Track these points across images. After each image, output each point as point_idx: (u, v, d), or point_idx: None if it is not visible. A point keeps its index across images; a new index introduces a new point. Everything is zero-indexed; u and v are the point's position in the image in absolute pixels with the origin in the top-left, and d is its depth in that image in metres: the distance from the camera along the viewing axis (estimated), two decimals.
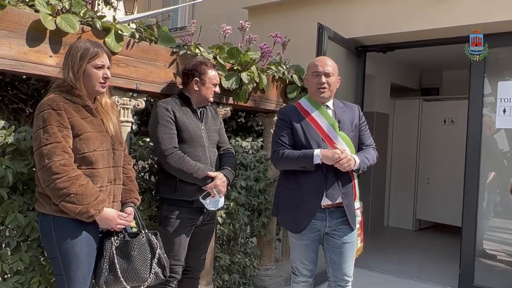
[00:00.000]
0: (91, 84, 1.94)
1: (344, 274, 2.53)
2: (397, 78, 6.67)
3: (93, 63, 1.93)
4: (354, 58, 4.35)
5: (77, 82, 1.90)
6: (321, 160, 2.36)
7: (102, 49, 1.99)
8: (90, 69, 1.93)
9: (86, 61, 1.91)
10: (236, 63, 3.08)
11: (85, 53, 1.91)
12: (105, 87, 2.01)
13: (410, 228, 6.60)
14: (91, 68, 1.93)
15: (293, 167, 2.46)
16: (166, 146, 2.41)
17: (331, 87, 2.51)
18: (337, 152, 2.34)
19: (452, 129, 6.28)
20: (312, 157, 2.37)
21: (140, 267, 2.00)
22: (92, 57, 1.92)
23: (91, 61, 1.92)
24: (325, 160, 2.36)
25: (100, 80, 1.96)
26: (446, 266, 4.61)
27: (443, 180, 6.25)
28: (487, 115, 3.90)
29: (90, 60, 1.92)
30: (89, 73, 1.93)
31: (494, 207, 4.17)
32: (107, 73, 1.98)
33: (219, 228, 3.10)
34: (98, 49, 1.95)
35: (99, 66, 1.95)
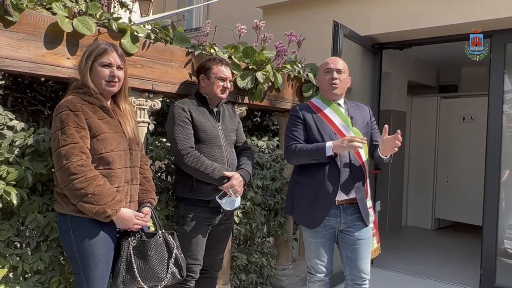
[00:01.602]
0: (97, 82, 1.96)
1: (361, 272, 2.52)
2: (414, 75, 6.57)
3: (100, 61, 1.95)
4: (370, 56, 4.30)
5: (84, 78, 1.92)
6: (333, 150, 2.37)
7: (112, 48, 1.99)
8: (97, 67, 1.95)
9: (92, 58, 1.94)
10: (251, 62, 3.08)
11: (92, 51, 1.94)
12: (113, 86, 1.99)
13: (429, 228, 6.50)
14: (97, 66, 1.95)
15: (306, 160, 2.47)
16: (183, 146, 2.41)
17: (342, 84, 2.57)
18: (346, 137, 2.36)
19: (471, 127, 6.17)
20: (325, 149, 2.38)
21: (157, 267, 2.01)
22: (98, 55, 1.94)
23: (97, 58, 1.94)
24: (337, 149, 2.37)
25: (107, 79, 1.96)
26: (466, 266, 4.53)
27: (462, 178, 6.15)
28: (508, 112, 3.81)
29: (97, 57, 1.94)
30: (96, 71, 1.95)
31: None
32: (114, 71, 1.97)
33: (235, 227, 3.10)
34: (107, 47, 1.96)
35: (106, 64, 1.95)
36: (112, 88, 2.00)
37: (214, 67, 2.54)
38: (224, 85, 2.56)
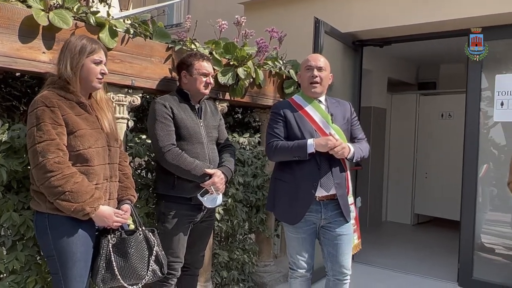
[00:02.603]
0: (88, 79, 1.93)
1: (342, 267, 2.54)
2: (394, 72, 6.65)
3: (92, 58, 1.92)
4: (351, 53, 4.32)
5: (74, 76, 1.89)
6: (314, 148, 2.39)
7: (99, 45, 1.98)
8: (89, 64, 1.92)
9: (85, 55, 1.91)
10: (232, 58, 3.06)
11: (84, 48, 1.91)
12: (102, 83, 2.00)
13: (409, 223, 6.60)
14: (90, 63, 1.92)
15: (287, 157, 2.48)
16: (164, 143, 2.38)
17: (323, 82, 2.57)
18: (330, 138, 2.38)
19: (449, 123, 6.27)
20: (306, 146, 2.40)
21: (138, 265, 1.99)
22: (90, 52, 1.92)
23: (89, 56, 1.92)
24: (318, 148, 2.39)
25: (98, 76, 1.95)
26: (445, 260, 4.61)
27: (441, 174, 6.25)
28: (484, 109, 3.89)
29: (89, 55, 1.92)
30: (88, 68, 1.92)
31: (491, 201, 4.17)
32: (104, 68, 1.97)
33: (217, 224, 3.08)
34: (96, 45, 1.95)
35: (97, 62, 1.94)
36: (100, 85, 1.99)
37: (196, 63, 2.51)
38: (206, 80, 2.53)
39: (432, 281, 4.08)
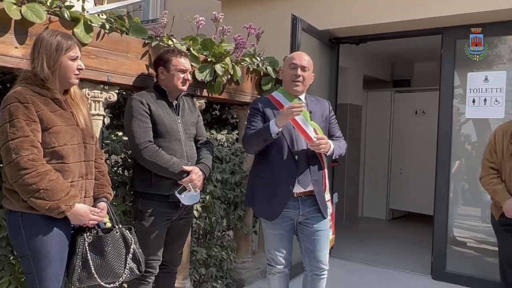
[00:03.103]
0: (66, 76, 1.90)
1: (320, 262, 2.57)
2: (370, 70, 6.74)
3: (68, 55, 1.89)
4: (327, 50, 4.36)
5: (52, 76, 1.85)
6: (277, 125, 2.36)
7: (74, 40, 1.95)
8: (66, 61, 1.89)
9: (63, 53, 1.87)
10: (210, 54, 3.05)
11: (60, 46, 1.87)
12: (78, 78, 1.97)
13: (384, 218, 6.72)
14: (67, 60, 1.89)
15: (257, 143, 2.48)
16: (141, 140, 2.36)
17: (305, 81, 2.59)
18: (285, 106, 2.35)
19: (423, 120, 6.40)
20: (269, 126, 2.38)
21: (114, 263, 1.96)
22: (67, 49, 1.88)
23: (66, 53, 1.88)
24: (280, 122, 2.36)
25: (75, 72, 1.92)
26: (419, 254, 4.71)
27: (415, 170, 6.38)
28: (457, 106, 3.99)
29: (66, 52, 1.88)
30: (65, 65, 1.89)
31: (463, 196, 4.29)
32: (81, 64, 1.95)
33: (195, 222, 3.07)
34: (71, 41, 1.92)
35: (74, 58, 1.91)
36: (77, 81, 1.96)
37: (173, 59, 2.49)
38: (184, 77, 2.51)
39: (407, 274, 4.16)
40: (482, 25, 3.74)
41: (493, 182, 2.91)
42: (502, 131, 2.95)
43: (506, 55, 3.93)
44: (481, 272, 3.89)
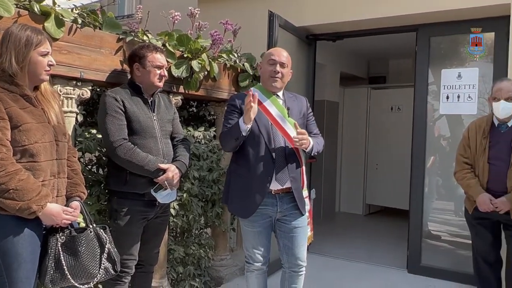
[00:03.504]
0: (36, 72, 1.84)
1: (298, 259, 2.58)
2: (346, 66, 6.80)
3: (38, 51, 1.83)
4: (304, 47, 4.37)
5: (21, 72, 1.79)
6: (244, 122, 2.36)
7: (44, 35, 1.88)
8: (36, 57, 1.82)
9: (32, 49, 1.81)
10: (186, 50, 3.01)
11: (30, 41, 1.80)
12: (49, 74, 1.91)
13: (360, 213, 6.80)
14: (37, 56, 1.83)
15: (231, 141, 2.48)
16: (115, 138, 2.31)
17: (284, 78, 2.59)
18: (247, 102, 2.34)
19: (399, 116, 6.50)
20: (238, 123, 2.40)
21: (89, 263, 1.92)
22: (37, 45, 1.82)
23: (36, 48, 1.82)
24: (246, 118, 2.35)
25: (46, 68, 1.86)
26: (395, 248, 4.79)
27: (391, 165, 6.47)
28: (431, 102, 4.05)
29: (36, 47, 1.82)
30: (35, 61, 1.82)
31: (437, 190, 4.37)
32: (51, 60, 1.88)
33: (172, 220, 3.04)
34: (41, 36, 1.85)
35: (44, 54, 1.85)
36: (48, 77, 1.90)
37: (149, 55, 2.44)
38: (161, 73, 2.47)
39: (383, 268, 4.22)
40: (455, 23, 3.82)
41: (467, 177, 2.97)
42: (475, 127, 3.02)
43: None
44: (455, 265, 3.98)
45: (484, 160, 2.90)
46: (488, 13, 3.58)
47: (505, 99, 2.82)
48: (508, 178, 2.80)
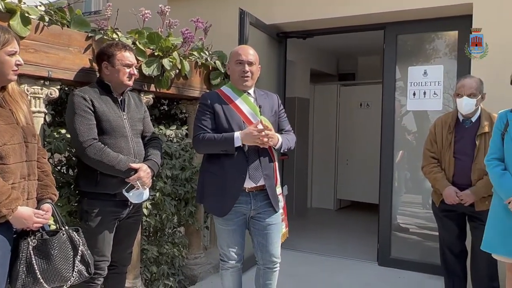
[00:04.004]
0: (4, 72, 1.79)
1: (272, 256, 2.60)
2: (316, 64, 6.88)
3: (5, 50, 1.77)
4: (275, 44, 4.40)
5: None
6: (241, 142, 2.40)
7: (11, 34, 1.83)
8: (3, 56, 1.77)
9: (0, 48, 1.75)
10: (157, 48, 2.98)
11: None
12: (17, 74, 1.86)
13: (332, 208, 6.91)
14: (4, 55, 1.77)
15: (215, 150, 2.48)
16: (84, 138, 2.27)
17: (254, 75, 2.60)
18: (253, 127, 2.40)
19: (368, 112, 6.62)
20: (233, 139, 2.40)
21: (62, 266, 1.89)
22: (4, 44, 1.76)
23: (3, 48, 1.76)
24: (245, 140, 2.41)
25: (14, 68, 1.81)
26: (365, 241, 4.89)
27: (361, 160, 6.60)
28: (398, 98, 4.16)
29: (3, 47, 1.76)
30: (3, 61, 1.77)
31: (406, 184, 4.50)
32: (19, 59, 1.83)
33: (145, 219, 3.01)
34: (8, 35, 1.80)
35: (12, 53, 1.80)
36: (16, 77, 1.85)
37: (118, 53, 2.40)
38: (130, 71, 2.44)
39: (354, 262, 4.31)
40: (420, 21, 3.93)
41: (434, 171, 3.08)
42: (442, 122, 3.12)
43: (442, 49, 4.15)
44: (423, 256, 4.11)
45: (450, 155, 3.01)
46: (452, 12, 3.71)
47: (467, 95, 2.93)
48: (472, 172, 2.92)
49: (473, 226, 3.02)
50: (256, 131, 2.38)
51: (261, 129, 2.38)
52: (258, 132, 2.37)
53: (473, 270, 3.08)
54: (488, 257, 2.61)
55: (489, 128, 2.88)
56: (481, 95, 2.96)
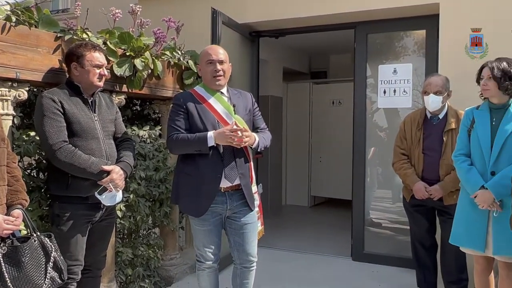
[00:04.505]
0: None
1: (249, 255, 2.62)
2: (289, 62, 6.92)
3: None
4: (248, 44, 4.40)
5: None
6: (215, 141, 2.40)
7: None
8: None
9: None
10: (128, 48, 2.94)
11: None
12: None
13: (306, 205, 6.98)
14: None
15: (189, 150, 2.48)
16: (54, 141, 2.22)
17: (226, 74, 2.60)
18: (227, 128, 2.40)
19: (340, 110, 6.71)
20: (206, 139, 2.40)
21: (33, 273, 1.85)
22: None
23: None
24: (218, 140, 2.41)
25: None
26: (339, 237, 4.97)
27: (334, 157, 6.69)
28: (369, 95, 4.24)
29: None
30: None
31: (378, 180, 4.59)
32: None
33: (119, 222, 2.97)
34: None
35: None
36: None
37: (87, 54, 2.36)
38: (100, 72, 2.40)
39: (329, 257, 4.38)
40: (390, 21, 4.02)
41: (404, 167, 3.16)
42: (411, 120, 3.20)
43: (411, 47, 4.26)
44: (395, 250, 4.21)
45: (419, 151, 3.10)
46: (419, 12, 3.80)
47: (434, 92, 3.01)
48: (440, 167, 3.01)
49: (442, 220, 3.11)
50: (228, 130, 2.38)
51: (234, 129, 2.38)
52: (231, 131, 2.37)
53: (442, 262, 3.18)
54: (457, 250, 2.70)
55: (456, 125, 2.98)
56: (447, 93, 3.06)
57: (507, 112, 2.45)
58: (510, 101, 2.47)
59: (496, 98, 2.47)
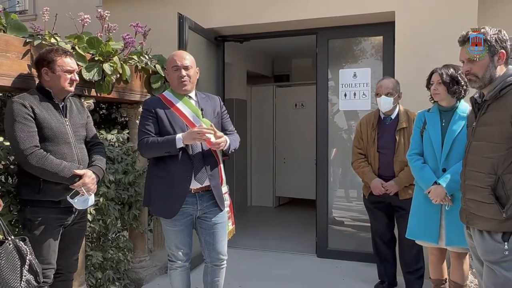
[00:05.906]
0: None
1: (219, 254, 2.70)
2: (253, 66, 7.05)
3: None
4: (213, 48, 4.49)
5: None
6: (183, 142, 2.48)
7: None
8: None
9: None
10: (97, 53, 2.97)
11: None
12: None
13: (271, 205, 7.12)
14: None
15: (159, 153, 2.55)
16: (26, 146, 2.24)
17: (192, 79, 2.67)
18: (195, 129, 2.48)
19: (302, 112, 6.90)
20: (175, 141, 2.48)
21: (9, 276, 1.88)
22: None
23: None
24: (187, 140, 2.49)
25: None
26: (304, 236, 5.13)
27: (297, 158, 6.86)
28: (330, 97, 4.42)
29: None
30: None
31: (340, 179, 4.78)
32: None
33: (89, 225, 2.98)
34: None
35: None
36: None
37: (58, 59, 2.38)
38: (71, 77, 2.43)
39: (294, 255, 4.52)
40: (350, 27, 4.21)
41: (362, 166, 3.35)
42: (366, 121, 3.40)
43: (369, 52, 4.48)
44: (357, 246, 4.40)
45: (374, 150, 3.30)
46: (377, 19, 4.02)
47: (385, 94, 3.22)
48: (395, 164, 3.22)
49: (399, 215, 3.31)
50: (195, 132, 2.45)
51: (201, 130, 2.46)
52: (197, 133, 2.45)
53: (400, 255, 3.38)
54: (413, 243, 2.91)
55: (407, 124, 3.20)
56: (398, 94, 3.27)
57: (455, 114, 2.67)
58: (457, 104, 2.69)
59: (445, 101, 2.69)
